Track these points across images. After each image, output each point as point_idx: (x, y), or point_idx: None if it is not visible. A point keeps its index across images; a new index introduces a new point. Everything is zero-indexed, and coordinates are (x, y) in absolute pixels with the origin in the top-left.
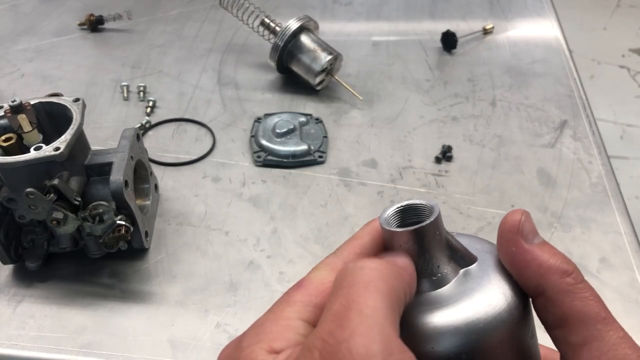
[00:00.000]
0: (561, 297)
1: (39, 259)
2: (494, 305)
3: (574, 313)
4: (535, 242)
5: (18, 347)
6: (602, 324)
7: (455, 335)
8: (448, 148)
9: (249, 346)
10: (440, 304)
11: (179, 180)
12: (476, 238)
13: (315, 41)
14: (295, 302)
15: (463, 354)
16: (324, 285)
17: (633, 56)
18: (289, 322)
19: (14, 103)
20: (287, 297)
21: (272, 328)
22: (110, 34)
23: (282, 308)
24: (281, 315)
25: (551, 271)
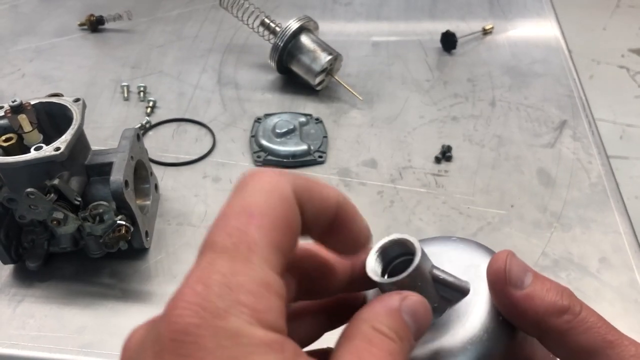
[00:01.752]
0: (564, 336)
1: (39, 258)
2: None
3: (581, 347)
4: (526, 284)
5: (18, 347)
6: (611, 348)
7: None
8: (448, 148)
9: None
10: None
11: (179, 180)
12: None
13: (315, 41)
14: (258, 243)
15: None
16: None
17: (633, 56)
18: (265, 276)
19: (14, 103)
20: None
21: (249, 285)
22: (111, 34)
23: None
24: (251, 263)
25: (547, 314)
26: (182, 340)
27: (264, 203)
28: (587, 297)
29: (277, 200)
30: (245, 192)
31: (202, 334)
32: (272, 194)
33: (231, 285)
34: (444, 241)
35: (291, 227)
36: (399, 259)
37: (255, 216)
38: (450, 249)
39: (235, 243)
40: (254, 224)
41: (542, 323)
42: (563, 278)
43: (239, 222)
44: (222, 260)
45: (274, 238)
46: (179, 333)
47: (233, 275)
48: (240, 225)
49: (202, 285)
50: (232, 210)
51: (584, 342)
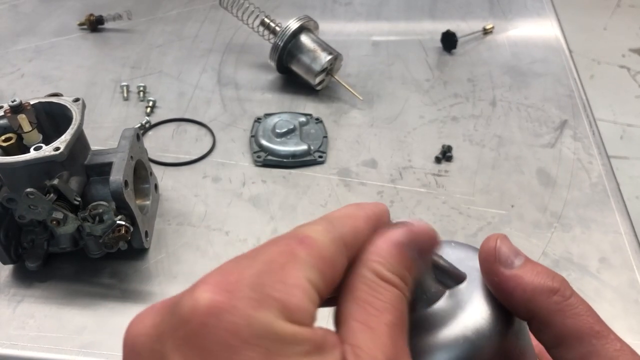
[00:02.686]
0: (552, 317)
1: (38, 259)
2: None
3: (567, 331)
4: (516, 264)
5: (18, 347)
6: (597, 338)
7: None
8: (448, 148)
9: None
10: (423, 327)
11: (179, 180)
12: (472, 249)
13: (315, 41)
14: (301, 259)
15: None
16: (329, 253)
17: (633, 56)
18: (299, 281)
19: (13, 103)
20: (289, 248)
21: (282, 285)
22: (110, 34)
23: (286, 260)
24: (287, 270)
25: (537, 293)
26: (213, 324)
27: (316, 237)
28: (587, 297)
29: (328, 239)
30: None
31: (236, 322)
32: (325, 234)
33: (264, 280)
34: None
35: (335, 265)
36: None
37: (305, 242)
38: (449, 250)
39: (279, 252)
40: (302, 247)
41: (529, 302)
42: None
43: (291, 242)
44: (260, 262)
45: (320, 265)
46: (209, 316)
47: (268, 273)
48: (291, 244)
49: (235, 274)
50: (286, 235)
51: (571, 326)
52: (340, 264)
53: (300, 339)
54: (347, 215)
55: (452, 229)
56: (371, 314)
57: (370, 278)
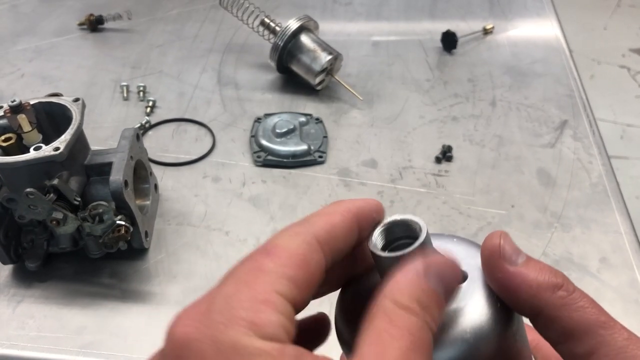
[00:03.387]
0: (557, 312)
1: (38, 259)
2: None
3: (574, 325)
4: (519, 262)
5: (18, 347)
6: (604, 329)
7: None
8: (448, 148)
9: (227, 326)
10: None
11: (179, 180)
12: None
13: (315, 41)
14: (268, 271)
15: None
16: (297, 257)
17: (633, 56)
18: (266, 295)
19: (13, 103)
20: (256, 264)
21: (249, 303)
22: (110, 34)
23: (254, 277)
24: (255, 287)
25: (542, 289)
26: (184, 354)
27: (283, 244)
28: None
29: (297, 242)
30: (271, 237)
31: (203, 347)
32: (294, 237)
33: (232, 303)
34: (444, 238)
35: (308, 265)
36: (402, 241)
37: (272, 252)
38: (449, 245)
39: (247, 271)
40: (269, 258)
41: (535, 298)
42: None
43: (258, 257)
44: (230, 284)
45: (287, 271)
46: (179, 347)
47: (235, 294)
48: (258, 258)
49: (205, 304)
50: (256, 250)
51: (578, 320)
52: (315, 262)
53: (268, 352)
54: (323, 212)
55: (452, 229)
56: (384, 339)
57: (388, 307)
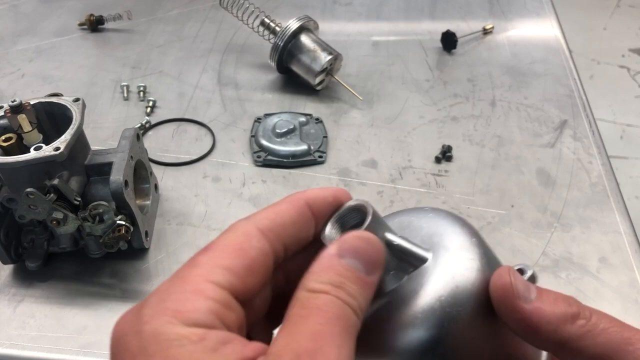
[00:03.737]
0: (583, 341)
1: (39, 258)
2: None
3: (600, 350)
4: (532, 297)
5: (18, 347)
6: (631, 344)
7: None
8: (448, 148)
9: (152, 317)
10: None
11: (179, 180)
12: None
13: (315, 41)
14: (201, 264)
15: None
16: (232, 246)
17: (633, 56)
18: (197, 285)
19: (14, 103)
20: (192, 261)
21: (179, 294)
22: (111, 34)
23: (188, 271)
24: (188, 279)
25: (561, 322)
26: (116, 350)
27: (220, 239)
28: (587, 297)
29: (234, 235)
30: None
31: (129, 340)
32: (232, 231)
33: (162, 296)
34: (415, 211)
35: (246, 253)
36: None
37: (209, 248)
38: (419, 218)
39: (183, 268)
40: (205, 254)
41: (557, 333)
42: (563, 278)
43: (196, 255)
44: (166, 282)
45: (222, 262)
46: (114, 344)
47: (167, 289)
48: (196, 256)
49: (142, 302)
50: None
51: (602, 344)
52: (255, 249)
53: (188, 337)
54: (271, 204)
55: None
56: (294, 322)
57: (302, 296)
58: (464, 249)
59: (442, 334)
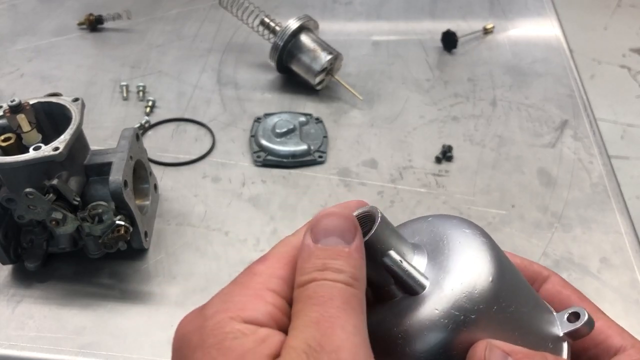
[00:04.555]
0: None
1: (38, 259)
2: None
3: None
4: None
5: (17, 348)
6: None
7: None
8: (448, 148)
9: (215, 315)
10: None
11: (178, 181)
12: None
13: (315, 41)
14: (260, 273)
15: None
16: (285, 258)
17: (634, 56)
18: (256, 291)
19: (13, 103)
20: (250, 270)
21: (240, 297)
22: (110, 33)
23: (248, 279)
24: (248, 285)
25: None
26: (180, 345)
27: (274, 250)
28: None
29: (286, 247)
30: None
31: (191, 337)
32: (284, 244)
33: (225, 298)
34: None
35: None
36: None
37: (265, 259)
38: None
39: (243, 275)
40: (262, 263)
41: None
42: (564, 278)
43: (253, 264)
44: (227, 287)
45: (277, 272)
46: (177, 341)
47: (229, 292)
48: (253, 265)
49: (204, 304)
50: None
51: None
52: None
53: (242, 331)
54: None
55: None
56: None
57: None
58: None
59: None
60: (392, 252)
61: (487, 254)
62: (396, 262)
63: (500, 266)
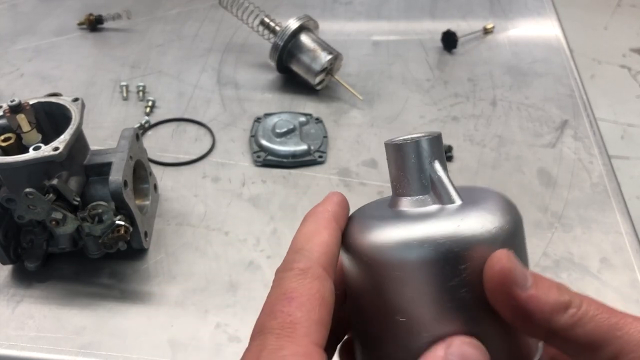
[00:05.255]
0: (573, 330)
1: (38, 259)
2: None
3: (590, 338)
4: (529, 284)
5: (17, 348)
6: (619, 329)
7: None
8: (448, 148)
9: None
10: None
11: (178, 181)
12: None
13: (315, 41)
14: (301, 322)
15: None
16: (316, 298)
17: (634, 56)
18: (306, 348)
19: (13, 103)
20: (286, 315)
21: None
22: (110, 33)
23: (291, 330)
24: (296, 341)
25: (554, 311)
26: None
27: (299, 287)
28: None
29: (310, 281)
30: (281, 281)
31: None
32: (305, 276)
33: (276, 358)
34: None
35: (326, 301)
36: None
37: (295, 299)
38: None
39: (280, 323)
40: (294, 305)
41: (549, 322)
42: (564, 278)
43: (282, 306)
44: (270, 339)
45: (313, 315)
46: None
47: (279, 349)
48: (283, 308)
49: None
50: (274, 299)
51: (591, 331)
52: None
53: None
54: (309, 232)
55: None
56: None
57: None
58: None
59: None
60: (438, 162)
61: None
62: (441, 170)
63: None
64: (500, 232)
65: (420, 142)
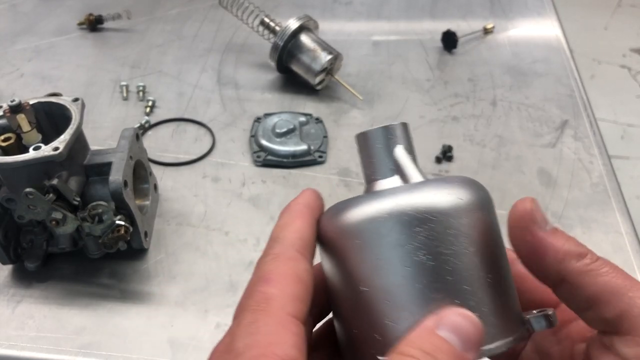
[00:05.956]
0: (583, 278)
1: (38, 259)
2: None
3: (600, 290)
4: (547, 227)
5: (17, 348)
6: (632, 291)
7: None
8: (448, 148)
9: (246, 350)
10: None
11: (178, 181)
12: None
13: (315, 41)
14: (275, 297)
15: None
16: (291, 276)
17: (634, 56)
18: (280, 319)
19: (13, 103)
20: (263, 294)
21: (265, 328)
22: (110, 33)
23: (266, 304)
24: (271, 313)
25: (568, 256)
26: None
27: (275, 268)
28: None
29: (285, 263)
30: (258, 267)
31: None
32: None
33: (251, 330)
34: None
35: (301, 279)
36: None
37: (271, 279)
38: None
39: (256, 301)
40: (270, 285)
41: (561, 264)
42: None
43: (259, 286)
44: (246, 315)
45: (288, 290)
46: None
47: (253, 322)
48: (260, 288)
49: (229, 336)
50: (251, 283)
51: (603, 285)
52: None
53: None
54: (283, 224)
55: None
56: None
57: (391, 357)
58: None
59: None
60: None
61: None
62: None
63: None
64: (458, 202)
65: (384, 129)
